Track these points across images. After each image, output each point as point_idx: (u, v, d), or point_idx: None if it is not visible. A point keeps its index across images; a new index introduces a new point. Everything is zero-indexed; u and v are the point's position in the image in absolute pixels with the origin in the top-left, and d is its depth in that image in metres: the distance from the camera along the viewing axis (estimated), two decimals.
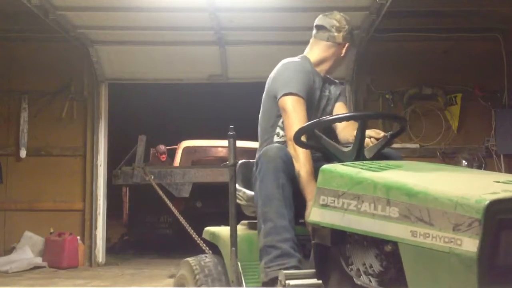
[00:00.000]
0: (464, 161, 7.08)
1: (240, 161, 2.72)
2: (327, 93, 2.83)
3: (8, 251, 7.22)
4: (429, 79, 7.38)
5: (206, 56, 7.41)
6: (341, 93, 2.91)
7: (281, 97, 2.61)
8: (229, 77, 7.70)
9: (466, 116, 7.38)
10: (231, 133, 2.45)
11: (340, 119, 2.45)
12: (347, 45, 2.81)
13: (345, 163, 2.13)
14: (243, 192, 2.72)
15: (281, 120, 2.67)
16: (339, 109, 2.86)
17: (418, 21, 7.16)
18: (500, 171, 6.97)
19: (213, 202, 8.11)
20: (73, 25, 6.64)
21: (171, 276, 6.19)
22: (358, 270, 1.95)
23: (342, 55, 2.82)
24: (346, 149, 2.35)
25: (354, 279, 1.96)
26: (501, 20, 7.03)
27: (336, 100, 2.87)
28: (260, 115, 2.84)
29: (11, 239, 7.29)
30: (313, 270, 2.15)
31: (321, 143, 2.40)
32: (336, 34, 2.78)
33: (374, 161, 2.16)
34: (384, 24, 6.54)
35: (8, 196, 7.43)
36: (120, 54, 7.44)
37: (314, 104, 2.74)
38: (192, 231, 5.72)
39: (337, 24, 2.79)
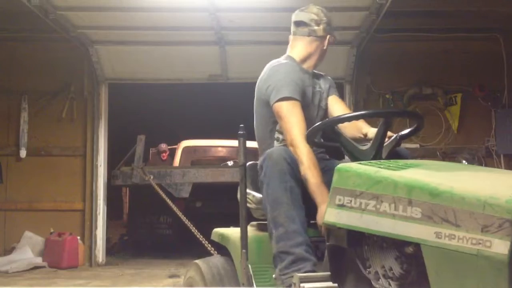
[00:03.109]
0: (464, 161, 7.08)
1: (248, 163, 2.64)
2: (318, 88, 2.79)
3: (8, 251, 7.21)
4: (429, 79, 7.38)
5: (206, 56, 7.41)
6: (331, 86, 2.87)
7: (275, 103, 2.56)
8: (229, 77, 7.70)
9: (466, 116, 7.38)
10: (241, 132, 2.38)
11: (364, 116, 2.37)
12: (328, 37, 2.78)
13: (361, 162, 2.05)
14: (252, 195, 2.64)
15: (278, 125, 2.62)
16: (334, 102, 2.82)
17: (418, 21, 7.16)
18: None
19: (213, 203, 8.10)
20: (73, 25, 6.63)
21: (171, 276, 6.20)
22: (377, 272, 1.88)
23: (324, 47, 2.79)
24: (364, 148, 2.28)
25: (373, 282, 1.89)
26: (501, 20, 7.02)
27: (328, 94, 2.83)
28: (255, 122, 2.78)
29: (11, 239, 7.29)
30: (328, 273, 2.09)
31: (340, 141, 2.33)
32: (316, 27, 2.75)
33: (391, 160, 2.07)
34: (384, 24, 6.54)
35: (8, 196, 7.43)
36: (120, 54, 7.44)
37: (309, 102, 2.70)
38: (197, 231, 5.68)
39: (316, 17, 2.76)
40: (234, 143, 9.46)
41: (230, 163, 7.91)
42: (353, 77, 7.40)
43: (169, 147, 9.90)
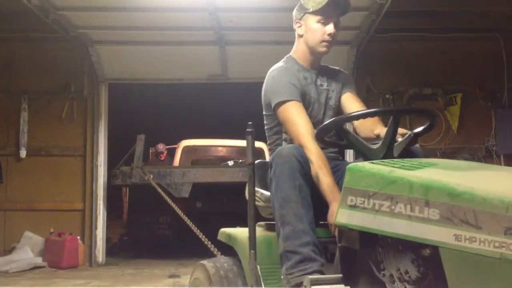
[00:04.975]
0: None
1: (257, 161, 2.60)
2: (325, 86, 2.72)
3: (8, 251, 7.21)
4: (429, 79, 7.38)
5: (206, 56, 7.41)
6: (346, 83, 2.78)
7: (275, 107, 2.56)
8: (229, 77, 7.70)
9: (466, 116, 7.38)
10: (249, 130, 2.35)
11: (370, 114, 2.30)
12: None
13: (374, 161, 2.00)
14: (260, 193, 2.60)
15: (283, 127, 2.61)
16: (349, 101, 2.74)
17: (418, 21, 7.16)
18: None
19: (214, 203, 8.10)
20: (73, 25, 6.64)
21: (171, 276, 6.19)
22: (392, 275, 1.82)
23: (301, 35, 2.74)
24: (374, 146, 2.23)
25: (387, 285, 1.84)
26: (501, 20, 7.02)
27: (341, 93, 2.76)
28: (264, 126, 2.79)
29: (11, 239, 7.29)
30: (340, 275, 2.04)
31: (348, 140, 2.29)
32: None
33: (405, 159, 1.99)
34: (384, 24, 6.54)
35: (8, 196, 7.43)
36: (120, 54, 7.44)
37: (313, 100, 2.66)
38: (199, 232, 5.65)
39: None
40: (234, 142, 9.50)
41: (230, 163, 7.91)
42: (353, 77, 7.39)
43: (168, 146, 9.89)
